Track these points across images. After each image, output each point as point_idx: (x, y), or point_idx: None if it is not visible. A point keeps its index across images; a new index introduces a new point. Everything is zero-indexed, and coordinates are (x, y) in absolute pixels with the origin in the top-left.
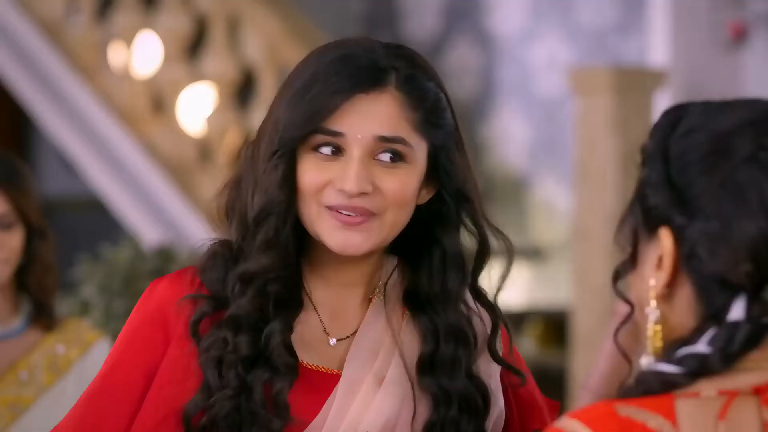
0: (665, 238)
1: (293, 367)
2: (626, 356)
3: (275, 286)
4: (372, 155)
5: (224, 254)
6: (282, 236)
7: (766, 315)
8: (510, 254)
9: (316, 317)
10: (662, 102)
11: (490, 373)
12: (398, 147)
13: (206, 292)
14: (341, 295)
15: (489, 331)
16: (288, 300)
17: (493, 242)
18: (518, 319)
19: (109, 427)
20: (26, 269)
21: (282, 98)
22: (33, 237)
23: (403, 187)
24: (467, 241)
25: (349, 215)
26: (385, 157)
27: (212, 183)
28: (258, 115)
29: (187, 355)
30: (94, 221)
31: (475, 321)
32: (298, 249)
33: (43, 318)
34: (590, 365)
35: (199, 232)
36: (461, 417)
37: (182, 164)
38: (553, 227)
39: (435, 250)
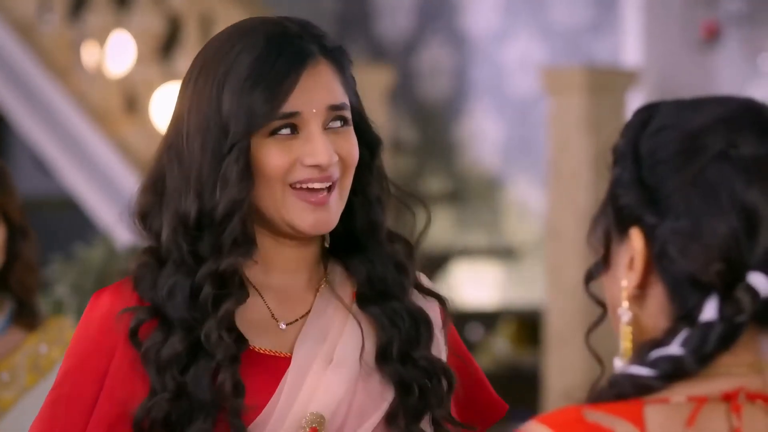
0: (636, 238)
1: (235, 357)
2: (599, 359)
3: (226, 281)
4: (325, 126)
5: (151, 263)
6: (250, 233)
7: (739, 314)
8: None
9: (262, 303)
10: (635, 102)
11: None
12: (345, 112)
13: (145, 301)
14: (286, 281)
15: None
16: (229, 293)
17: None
18: (491, 319)
19: None
20: (8, 268)
21: (216, 89)
22: (15, 236)
23: (354, 147)
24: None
25: (320, 190)
26: (336, 124)
27: None
28: None
29: (132, 359)
30: (67, 220)
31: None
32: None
33: (25, 317)
34: (563, 364)
35: None
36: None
37: None
38: (526, 227)
39: (356, 198)
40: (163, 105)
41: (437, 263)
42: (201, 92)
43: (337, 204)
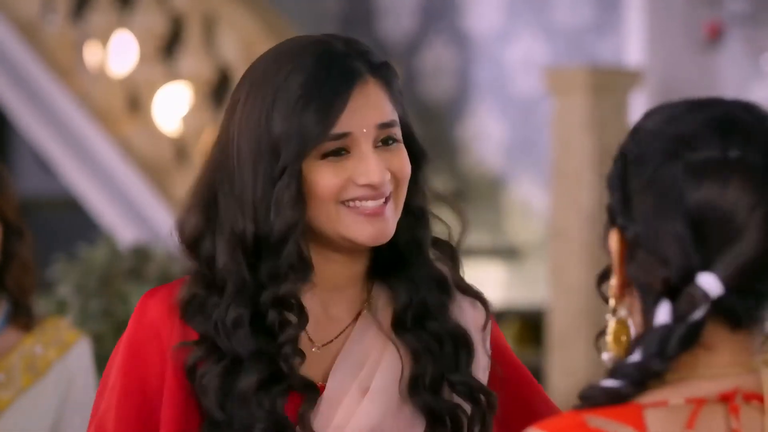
0: (612, 240)
1: (313, 386)
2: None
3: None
4: (375, 144)
5: (201, 294)
6: (306, 256)
7: (690, 315)
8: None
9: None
10: (638, 102)
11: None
12: (394, 130)
13: (192, 328)
14: (328, 300)
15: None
16: (288, 320)
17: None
18: (494, 319)
19: None
20: (4, 268)
21: (265, 112)
22: (11, 236)
23: (406, 164)
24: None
25: (375, 205)
26: (384, 143)
27: (188, 182)
28: None
29: (184, 389)
30: (70, 220)
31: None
32: None
33: (21, 318)
34: (566, 364)
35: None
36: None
37: (158, 164)
38: (529, 227)
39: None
40: (165, 105)
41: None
42: (250, 115)
43: (392, 215)
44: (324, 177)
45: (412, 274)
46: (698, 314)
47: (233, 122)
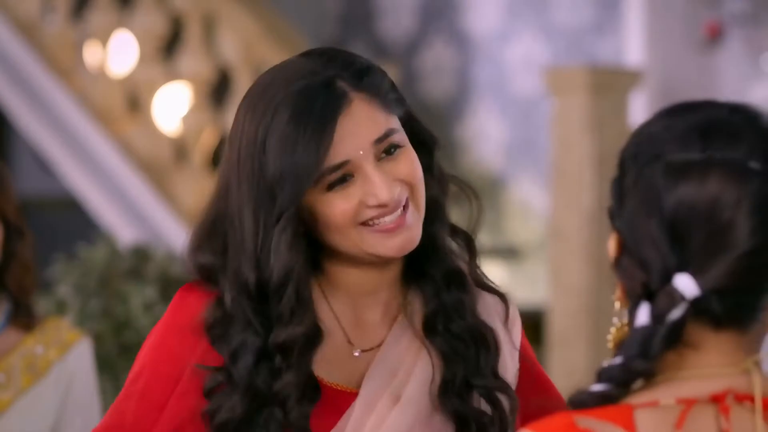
0: (611, 242)
1: (306, 415)
2: None
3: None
4: (377, 159)
5: (223, 319)
6: (305, 298)
7: (671, 310)
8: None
9: (339, 328)
10: (638, 102)
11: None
12: (392, 138)
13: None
14: (362, 305)
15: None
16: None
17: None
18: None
19: None
20: (4, 268)
21: (258, 153)
22: (11, 236)
23: (414, 167)
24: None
25: (393, 218)
26: (387, 153)
27: (188, 182)
28: (233, 115)
29: (179, 413)
30: (70, 220)
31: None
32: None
33: (22, 318)
34: (566, 365)
35: (174, 232)
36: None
37: (158, 164)
38: (529, 227)
39: None
40: (165, 105)
41: None
42: (245, 161)
43: (415, 221)
44: (336, 207)
45: (432, 273)
46: (676, 314)
47: (231, 164)
